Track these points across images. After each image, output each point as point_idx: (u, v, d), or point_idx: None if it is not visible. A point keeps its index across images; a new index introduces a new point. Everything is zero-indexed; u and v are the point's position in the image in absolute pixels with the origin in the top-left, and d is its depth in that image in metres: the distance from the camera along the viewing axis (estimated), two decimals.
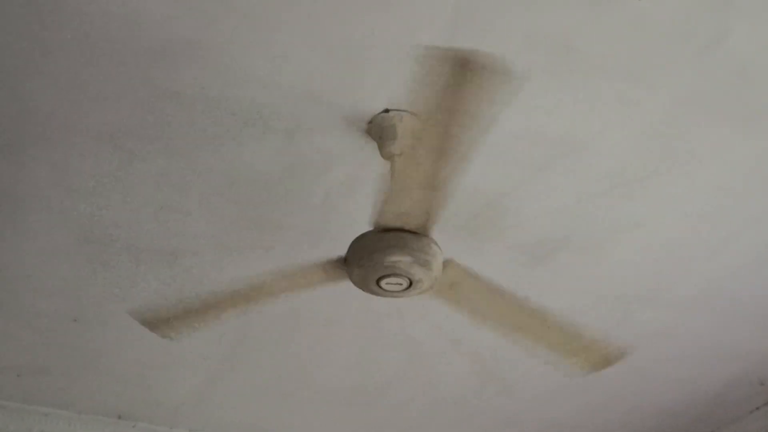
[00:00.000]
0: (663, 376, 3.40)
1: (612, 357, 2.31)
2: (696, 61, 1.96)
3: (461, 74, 1.61)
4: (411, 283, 1.96)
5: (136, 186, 2.30)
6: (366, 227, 1.97)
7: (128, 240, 2.50)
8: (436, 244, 1.95)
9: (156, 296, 2.76)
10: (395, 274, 1.92)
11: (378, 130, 2.08)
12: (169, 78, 1.96)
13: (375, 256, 1.91)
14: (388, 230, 1.93)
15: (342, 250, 2.02)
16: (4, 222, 2.41)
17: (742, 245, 2.62)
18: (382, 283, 1.96)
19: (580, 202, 2.42)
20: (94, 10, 1.79)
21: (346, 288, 2.08)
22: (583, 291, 2.83)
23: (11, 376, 3.21)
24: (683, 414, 3.73)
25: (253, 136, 2.14)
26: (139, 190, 2.32)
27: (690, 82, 2.03)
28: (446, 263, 2.01)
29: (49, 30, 1.84)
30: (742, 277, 2.78)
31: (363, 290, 2.01)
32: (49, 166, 2.22)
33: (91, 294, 2.74)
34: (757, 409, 3.70)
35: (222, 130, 2.11)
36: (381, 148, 2.10)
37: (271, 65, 1.93)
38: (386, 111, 2.06)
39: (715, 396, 3.58)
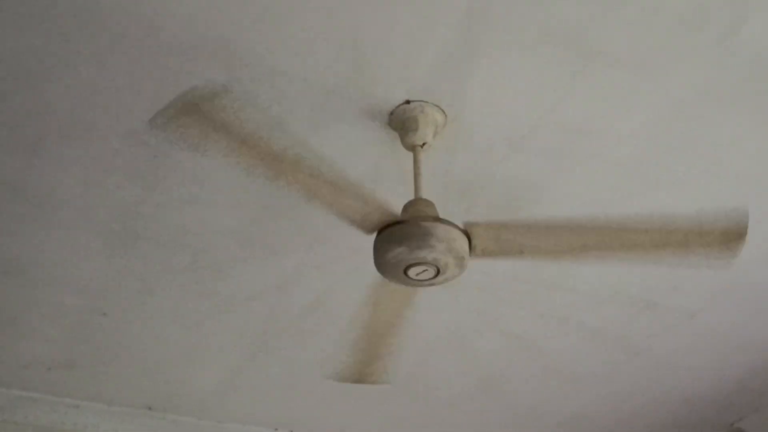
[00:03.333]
0: (686, 365, 3.40)
1: (739, 227, 1.99)
2: (711, 50, 1.97)
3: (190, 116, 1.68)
4: (438, 272, 1.94)
5: (160, 181, 2.33)
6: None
7: (153, 234, 2.53)
8: (456, 226, 1.93)
9: (181, 291, 2.81)
10: (423, 263, 1.90)
11: (400, 121, 2.10)
12: (192, 74, 1.98)
13: (403, 245, 1.89)
14: (416, 218, 1.92)
15: (365, 243, 2.02)
16: (31, 219, 2.45)
17: (762, 234, 2.61)
18: (410, 272, 1.94)
19: (598, 191, 2.43)
20: (118, 9, 1.82)
21: (373, 278, 2.08)
22: (605, 280, 2.83)
23: (42, 370, 3.26)
24: (706, 403, 3.72)
25: (274, 128, 2.15)
26: (163, 185, 2.35)
27: (706, 72, 2.03)
28: (471, 229, 1.96)
29: (72, 30, 1.87)
30: (764, 266, 2.78)
31: (390, 280, 1.99)
32: (74, 164, 2.25)
33: (117, 288, 2.78)
34: None
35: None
36: (403, 139, 2.12)
37: (294, 59, 1.95)
38: (407, 102, 2.08)
39: (738, 385, 3.56)
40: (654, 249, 1.99)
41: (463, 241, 1.93)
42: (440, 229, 1.90)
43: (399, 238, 1.90)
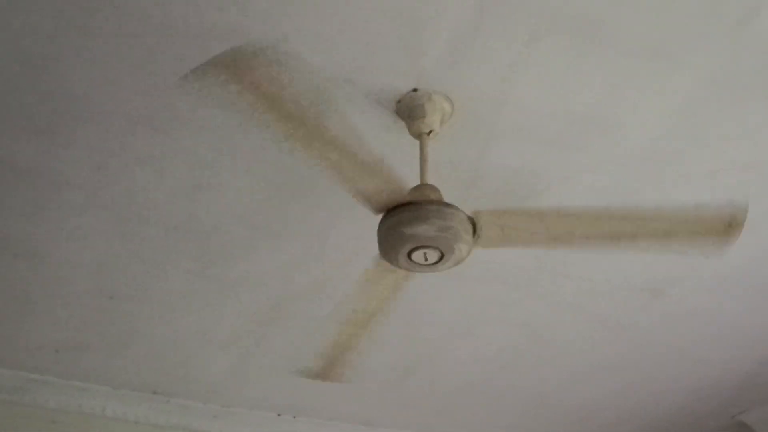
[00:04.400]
0: (693, 357, 3.40)
1: (736, 218, 2.01)
2: (726, 39, 1.96)
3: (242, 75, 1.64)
4: (442, 256, 1.94)
5: (170, 166, 2.34)
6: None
7: (162, 219, 2.54)
8: (451, 206, 1.92)
9: (190, 275, 2.82)
10: (426, 246, 1.90)
11: (407, 109, 2.10)
12: (201, 61, 1.98)
13: (407, 228, 1.88)
14: (420, 203, 1.91)
15: (371, 229, 2.03)
16: (42, 202, 2.46)
17: None
18: (413, 256, 1.93)
19: (610, 180, 2.42)
20: None
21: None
22: (613, 270, 2.83)
23: (50, 352, 3.28)
24: (713, 394, 3.72)
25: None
26: (172, 170, 2.36)
27: (720, 60, 2.02)
28: (477, 216, 1.96)
29: (87, 16, 1.87)
30: None
31: (394, 264, 1.99)
32: (85, 147, 2.26)
33: (126, 272, 2.79)
34: None
35: (252, 110, 2.14)
36: (410, 126, 2.12)
37: (303, 45, 1.95)
38: (415, 90, 2.08)
39: (745, 377, 3.56)
40: (655, 238, 2.00)
41: (467, 227, 1.93)
42: (445, 213, 1.90)
43: (404, 220, 1.90)
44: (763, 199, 2.49)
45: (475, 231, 1.94)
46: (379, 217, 1.99)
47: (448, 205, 1.91)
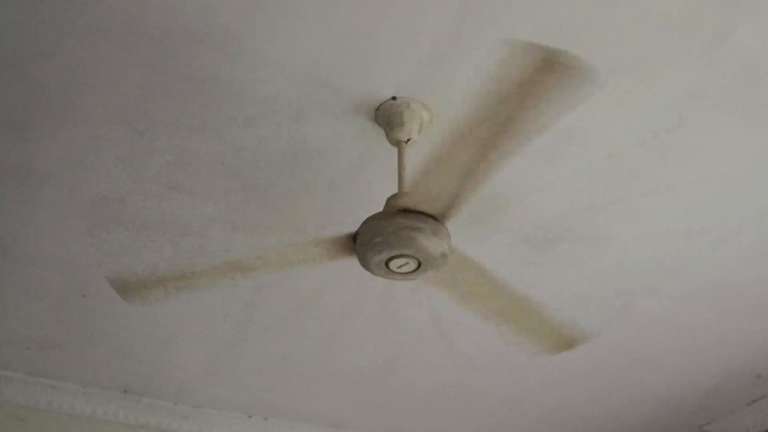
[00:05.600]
0: (661, 366, 3.43)
1: (576, 339, 2.37)
2: (702, 55, 1.98)
3: (543, 73, 1.55)
4: (420, 264, 1.95)
5: (145, 165, 2.33)
6: (371, 211, 1.98)
7: (136, 218, 2.53)
8: (444, 225, 1.94)
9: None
10: (404, 255, 1.91)
11: (385, 116, 2.11)
12: (180, 60, 1.99)
13: (384, 238, 1.89)
14: (399, 212, 1.91)
15: (347, 230, 2.03)
16: (15, 198, 2.44)
17: (744, 238, 2.64)
18: (391, 264, 1.94)
19: (584, 192, 2.44)
20: None
21: (352, 268, 2.09)
22: (584, 280, 2.85)
23: (20, 349, 3.26)
24: (680, 405, 3.76)
25: (260, 119, 2.17)
26: (147, 170, 2.35)
27: (696, 76, 2.05)
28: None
29: (62, 12, 1.86)
30: (744, 270, 2.80)
31: (372, 273, 2.00)
32: (60, 145, 2.25)
33: (99, 270, 2.77)
34: (754, 401, 3.71)
35: (231, 112, 2.14)
36: (388, 134, 2.12)
37: (281, 50, 1.96)
38: (393, 98, 2.08)
39: (713, 388, 3.60)
40: (519, 328, 2.34)
41: (442, 232, 1.94)
42: (418, 220, 1.90)
43: (379, 230, 1.90)
44: (733, 212, 2.52)
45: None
46: (355, 219, 2.00)
47: (423, 214, 1.91)
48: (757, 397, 3.69)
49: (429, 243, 1.89)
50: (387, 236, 1.89)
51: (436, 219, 1.93)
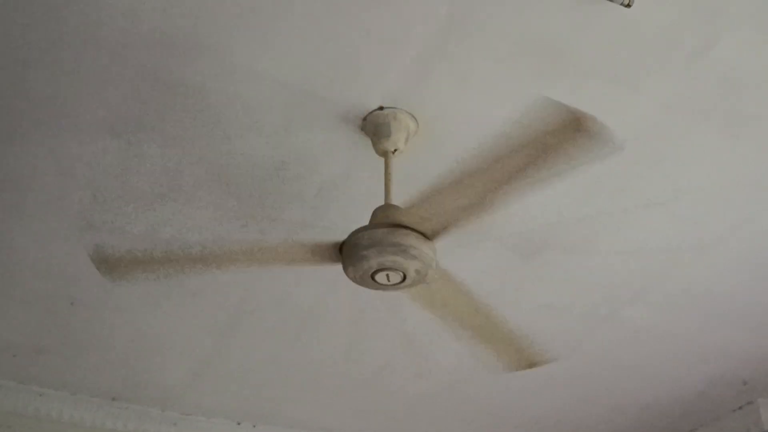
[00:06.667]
0: (647, 373, 3.45)
1: (537, 360, 2.41)
2: (683, 67, 2.01)
3: (568, 133, 1.63)
4: (405, 278, 1.96)
5: (133, 174, 2.33)
6: (359, 222, 1.99)
7: (124, 225, 2.53)
8: (422, 233, 1.94)
9: (150, 282, 2.78)
10: (390, 269, 1.92)
11: (372, 127, 2.12)
12: (168, 69, 1.99)
13: (371, 251, 1.90)
14: (385, 225, 1.93)
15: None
16: (4, 204, 2.44)
17: (726, 247, 2.66)
18: (377, 277, 1.95)
19: (567, 201, 2.46)
20: (95, 1, 1.82)
21: (340, 276, 2.08)
22: (569, 289, 2.88)
23: (7, 356, 3.25)
24: (666, 411, 3.78)
25: (248, 128, 2.17)
26: (135, 179, 2.35)
27: (677, 88, 2.07)
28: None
29: (50, 20, 1.87)
30: (726, 278, 2.83)
31: (357, 284, 2.01)
32: (48, 153, 2.25)
33: (87, 278, 2.77)
34: (740, 408, 3.73)
35: (218, 121, 2.15)
36: (375, 145, 2.13)
37: (269, 60, 1.97)
38: (380, 108, 2.10)
39: (699, 394, 3.62)
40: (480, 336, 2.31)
41: (429, 247, 1.95)
42: (406, 235, 1.92)
43: (365, 243, 1.91)
44: (714, 222, 2.55)
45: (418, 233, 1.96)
46: (343, 229, 2.01)
47: (409, 226, 1.92)
48: (743, 404, 3.72)
49: (414, 262, 1.91)
50: (372, 250, 1.90)
51: (425, 235, 1.94)
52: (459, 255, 2.23)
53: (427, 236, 1.94)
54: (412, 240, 1.90)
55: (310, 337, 3.19)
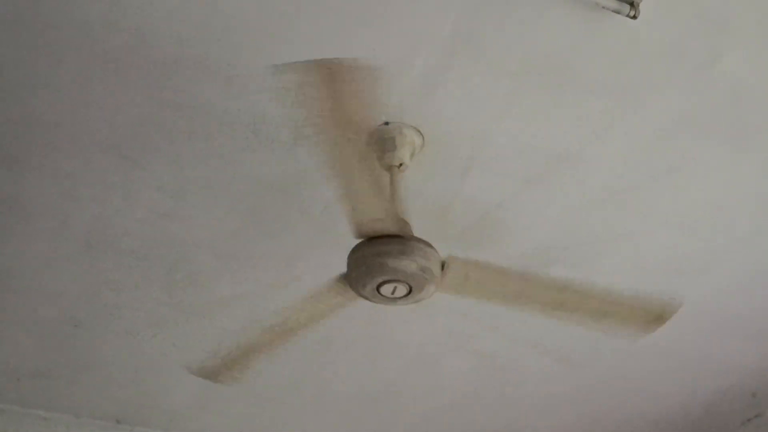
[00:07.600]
0: (655, 388, 3.43)
1: (666, 311, 2.22)
2: (689, 81, 2.01)
3: (330, 84, 1.67)
4: (411, 289, 1.95)
5: (139, 194, 2.33)
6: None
7: (130, 247, 2.53)
8: (430, 246, 1.95)
9: (156, 303, 2.79)
10: (393, 280, 1.92)
11: (378, 141, 2.12)
12: (174, 90, 2.00)
13: (370, 264, 1.90)
14: (378, 238, 1.92)
15: (341, 260, 2.04)
16: (8, 228, 2.44)
17: (734, 260, 2.66)
18: (382, 290, 1.95)
19: (573, 216, 2.46)
20: (101, 23, 1.83)
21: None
22: None
23: (11, 380, 3.23)
24: (675, 426, 3.75)
25: (254, 146, 2.17)
26: (141, 199, 2.35)
27: (683, 101, 2.07)
28: (448, 261, 2.00)
29: (56, 42, 1.87)
30: (734, 291, 2.82)
31: (367, 299, 2.00)
32: (53, 174, 2.25)
33: (92, 300, 2.76)
34: (749, 420, 3.72)
35: (224, 140, 2.15)
36: (380, 159, 2.13)
37: (276, 79, 1.97)
38: (386, 123, 2.10)
39: (707, 408, 3.60)
40: (590, 315, 2.22)
41: (436, 262, 1.94)
42: (414, 248, 1.91)
43: (373, 254, 1.91)
44: (722, 236, 2.54)
45: (442, 274, 1.97)
46: (349, 244, 2.00)
47: (417, 239, 1.93)
48: (751, 416, 3.70)
49: (420, 268, 1.91)
50: (379, 260, 1.90)
51: (426, 243, 1.94)
52: None
53: (431, 245, 1.94)
54: (419, 252, 1.91)
55: (316, 357, 3.17)
